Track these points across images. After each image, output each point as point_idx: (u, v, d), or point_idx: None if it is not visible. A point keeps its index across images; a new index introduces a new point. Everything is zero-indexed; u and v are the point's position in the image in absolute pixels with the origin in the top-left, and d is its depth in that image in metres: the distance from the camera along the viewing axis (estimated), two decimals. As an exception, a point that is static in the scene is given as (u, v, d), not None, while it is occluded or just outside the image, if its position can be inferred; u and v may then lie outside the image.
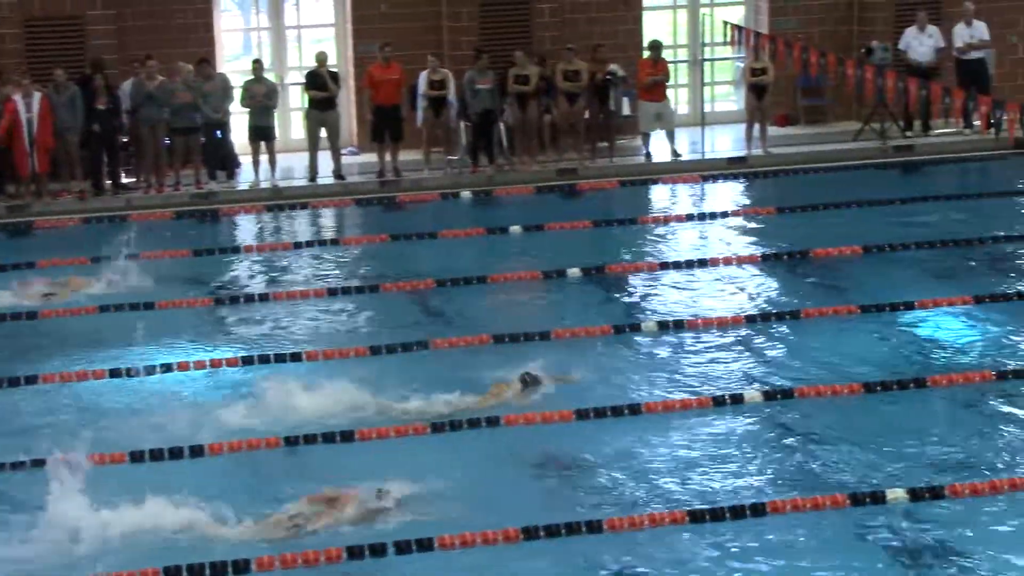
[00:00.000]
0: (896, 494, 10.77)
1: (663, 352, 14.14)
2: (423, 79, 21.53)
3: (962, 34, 22.74)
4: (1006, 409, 12.44)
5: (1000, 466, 11.28)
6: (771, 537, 10.29)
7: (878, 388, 12.86)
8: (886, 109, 22.24)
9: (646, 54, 22.18)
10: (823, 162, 21.76)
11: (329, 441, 11.92)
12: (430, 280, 16.39)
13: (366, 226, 19.64)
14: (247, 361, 13.87)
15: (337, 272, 17.18)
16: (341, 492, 10.74)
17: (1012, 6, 23.91)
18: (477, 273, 16.57)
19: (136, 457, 11.72)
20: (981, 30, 22.75)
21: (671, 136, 22.12)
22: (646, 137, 22.10)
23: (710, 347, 14.22)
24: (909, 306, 14.99)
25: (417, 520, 10.43)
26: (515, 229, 18.75)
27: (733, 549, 10.18)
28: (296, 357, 13.92)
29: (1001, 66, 23.64)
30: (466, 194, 20.76)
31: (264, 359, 13.88)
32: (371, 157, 21.82)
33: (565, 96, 21.79)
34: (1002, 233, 17.81)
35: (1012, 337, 14.21)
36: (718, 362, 13.82)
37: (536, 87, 21.54)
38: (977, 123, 22.08)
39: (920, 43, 22.73)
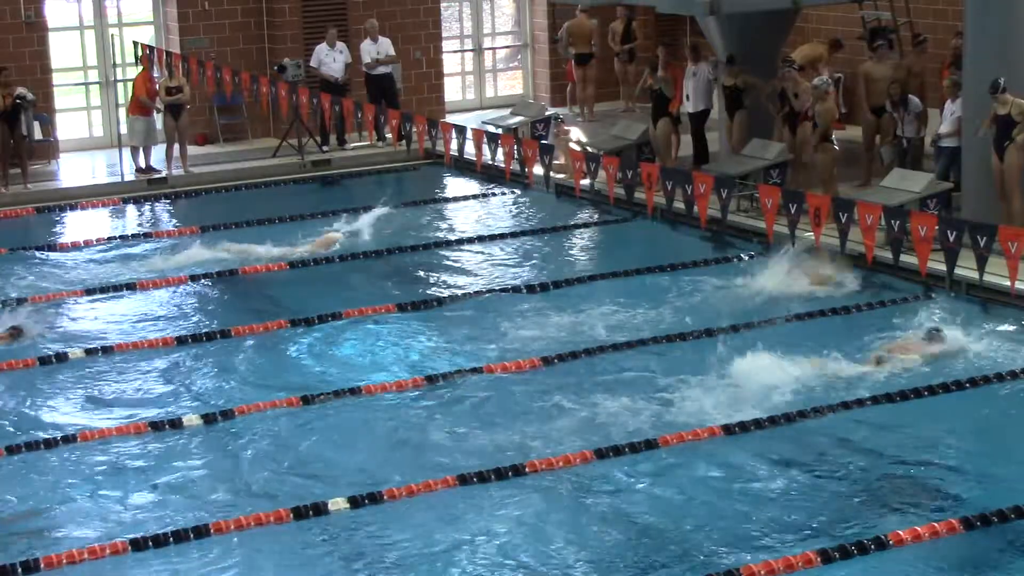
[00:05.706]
0: (338, 504, 11.07)
1: (96, 379, 13.88)
2: None
3: (369, 50, 23.49)
4: (432, 412, 12.95)
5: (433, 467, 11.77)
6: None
7: (315, 399, 13.14)
8: (302, 125, 22.65)
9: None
10: (244, 179, 21.92)
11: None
12: None
13: None
14: None
15: None
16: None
17: (415, 22, 24.93)
18: None
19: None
20: (386, 46, 23.59)
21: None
22: (137, 151, 21.80)
23: (145, 371, 14.08)
24: (337, 316, 15.37)
25: None
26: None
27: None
28: None
29: (408, 80, 24.64)
30: None
31: None
32: None
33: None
34: (421, 241, 18.54)
35: (435, 342, 14.81)
36: (156, 385, 13.74)
37: None
38: (389, 136, 22.86)
39: (332, 59, 23.31)
